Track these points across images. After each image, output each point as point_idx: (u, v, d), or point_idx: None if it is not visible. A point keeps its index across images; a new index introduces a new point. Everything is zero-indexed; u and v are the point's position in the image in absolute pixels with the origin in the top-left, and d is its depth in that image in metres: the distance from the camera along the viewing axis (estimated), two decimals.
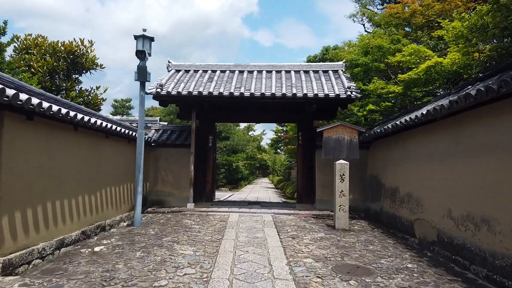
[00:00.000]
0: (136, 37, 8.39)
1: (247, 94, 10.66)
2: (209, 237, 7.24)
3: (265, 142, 52.83)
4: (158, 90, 10.68)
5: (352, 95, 10.38)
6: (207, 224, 8.70)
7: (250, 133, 40.01)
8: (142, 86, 8.51)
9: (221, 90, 10.68)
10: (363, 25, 17.46)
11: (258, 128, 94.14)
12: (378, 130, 9.39)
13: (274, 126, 39.13)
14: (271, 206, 12.02)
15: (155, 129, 12.72)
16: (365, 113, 12.91)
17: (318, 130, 9.59)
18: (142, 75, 8.17)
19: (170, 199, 11.90)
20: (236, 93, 10.68)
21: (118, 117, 13.76)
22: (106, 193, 8.52)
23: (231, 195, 18.92)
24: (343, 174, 8.45)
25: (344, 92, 10.55)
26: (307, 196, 12.29)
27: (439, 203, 6.73)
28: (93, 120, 7.40)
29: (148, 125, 13.08)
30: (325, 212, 10.71)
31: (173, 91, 10.75)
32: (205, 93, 10.69)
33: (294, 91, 10.64)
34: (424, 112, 6.82)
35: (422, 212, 7.44)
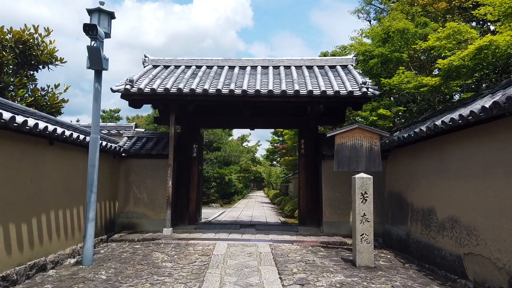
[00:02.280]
0: (89, 12, 6.33)
1: (238, 91, 8.60)
2: (181, 285, 5.05)
3: (260, 153, 50.81)
4: (127, 87, 8.59)
5: (368, 92, 8.37)
6: (184, 260, 6.50)
7: (244, 144, 37.90)
8: (97, 75, 6.40)
9: (206, 87, 8.62)
10: (369, 21, 15.69)
11: (253, 139, 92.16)
12: (405, 135, 7.33)
13: (269, 136, 37.15)
14: (269, 230, 9.84)
15: (127, 137, 10.56)
16: (375, 118, 10.95)
17: (328, 135, 7.52)
18: (95, 60, 6.06)
19: (144, 222, 9.69)
20: (225, 91, 8.61)
21: (87, 123, 11.61)
22: (49, 219, 6.33)
23: (222, 213, 16.70)
24: (365, 192, 6.35)
25: (358, 89, 8.54)
26: (312, 216, 10.16)
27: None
28: (20, 119, 5.27)
29: (121, 131, 10.94)
30: (336, 239, 8.56)
31: (146, 88, 8.66)
32: (186, 90, 8.62)
33: (297, 87, 8.60)
34: (488, 106, 4.78)
35: (478, 245, 5.36)
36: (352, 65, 10.17)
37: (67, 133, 6.58)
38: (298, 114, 10.80)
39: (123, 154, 9.69)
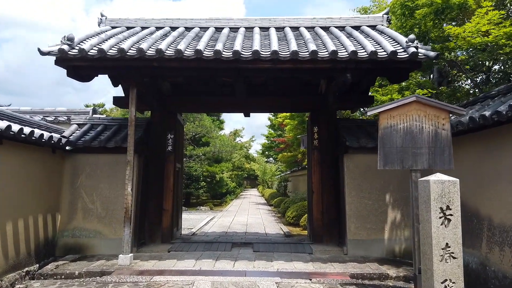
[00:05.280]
0: None
1: (227, 54, 5.86)
2: None
3: (254, 149, 48.22)
4: (64, 47, 5.79)
5: (419, 53, 5.70)
6: None
7: (237, 139, 35.07)
8: None
9: (181, 47, 5.86)
10: None
11: (246, 134, 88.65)
12: (487, 113, 4.64)
13: (265, 130, 34.61)
14: (272, 251, 7.15)
15: (77, 124, 7.75)
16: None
17: (369, 113, 4.83)
18: None
19: (97, 243, 6.92)
20: (208, 53, 5.87)
21: (28, 107, 8.79)
22: None
23: (211, 219, 13.95)
24: (447, 207, 3.67)
25: (403, 50, 5.86)
26: (330, 231, 7.50)
27: None
28: None
29: (71, 117, 8.14)
30: (371, 268, 5.89)
31: (92, 50, 5.87)
32: (150, 52, 5.85)
33: (313, 47, 5.89)
34: None
35: None
36: (382, 25, 7.49)
37: None
38: (309, 92, 8.11)
39: (67, 148, 6.90)
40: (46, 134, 6.16)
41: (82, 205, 7.02)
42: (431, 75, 11.97)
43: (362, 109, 12.38)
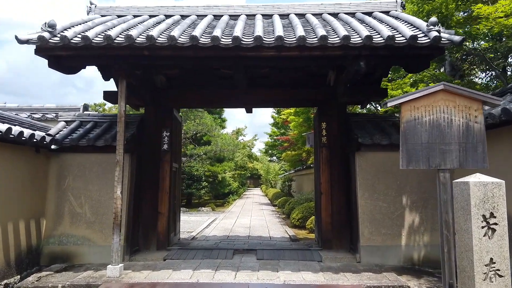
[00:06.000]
0: None
1: (226, 40, 5.24)
2: None
3: (257, 148, 47.67)
4: (45, 34, 5.19)
5: (442, 37, 5.06)
6: None
7: (239, 138, 34.40)
8: None
9: (175, 34, 5.25)
10: None
11: (249, 133, 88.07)
12: None
13: (268, 128, 33.99)
14: (277, 258, 6.53)
15: (65, 121, 7.15)
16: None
17: (389, 104, 4.19)
18: None
19: (85, 251, 6.34)
20: (205, 40, 5.25)
21: (15, 104, 8.23)
22: None
23: (212, 222, 13.35)
24: (492, 215, 3.05)
25: (423, 34, 5.22)
26: (340, 236, 6.90)
27: None
28: None
29: (60, 114, 7.55)
30: (388, 278, 5.26)
31: (75, 38, 5.27)
32: (140, 39, 5.24)
33: (322, 32, 5.26)
34: None
35: None
36: (396, 10, 6.85)
37: None
38: (316, 85, 7.49)
39: (52, 147, 6.31)
40: (27, 132, 5.58)
41: (70, 209, 6.44)
42: (442, 69, 11.32)
43: (371, 104, 11.73)
